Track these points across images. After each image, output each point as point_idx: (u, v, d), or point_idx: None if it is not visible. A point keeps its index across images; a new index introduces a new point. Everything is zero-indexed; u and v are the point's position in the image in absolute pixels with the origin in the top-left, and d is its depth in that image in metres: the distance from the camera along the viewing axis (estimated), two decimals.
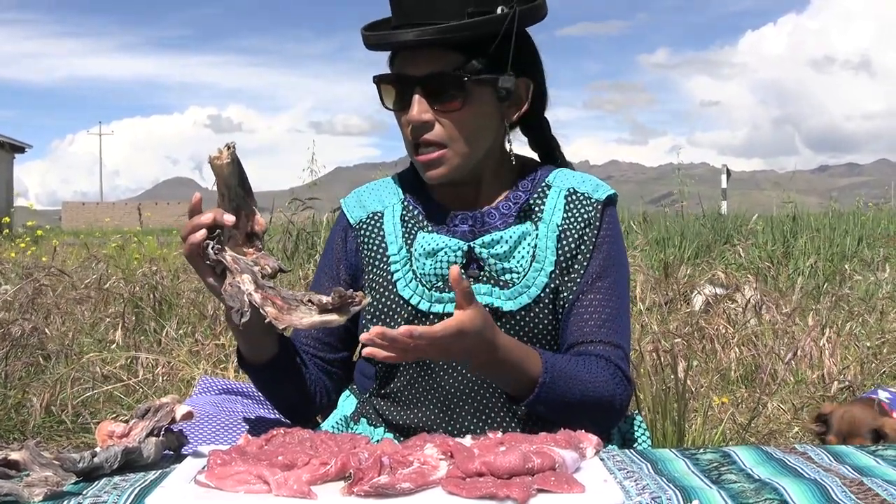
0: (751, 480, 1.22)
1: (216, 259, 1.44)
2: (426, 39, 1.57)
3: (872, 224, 11.24)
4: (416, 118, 1.61)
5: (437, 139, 1.62)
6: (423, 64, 1.60)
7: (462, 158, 1.64)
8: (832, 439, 2.39)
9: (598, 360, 1.62)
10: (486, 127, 1.67)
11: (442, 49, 1.59)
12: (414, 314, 1.65)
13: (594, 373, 1.59)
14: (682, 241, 9.86)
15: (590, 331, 1.64)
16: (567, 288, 1.66)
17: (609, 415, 1.64)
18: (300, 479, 1.16)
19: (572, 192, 1.72)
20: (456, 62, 1.60)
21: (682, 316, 5.48)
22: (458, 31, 1.57)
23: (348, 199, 1.84)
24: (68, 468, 1.23)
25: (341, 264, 1.79)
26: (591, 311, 1.65)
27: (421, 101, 1.61)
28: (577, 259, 1.68)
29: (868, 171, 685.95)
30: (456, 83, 1.60)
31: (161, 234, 13.36)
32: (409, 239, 1.70)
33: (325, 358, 1.79)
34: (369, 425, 1.71)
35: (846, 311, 5.55)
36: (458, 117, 1.62)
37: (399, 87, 1.64)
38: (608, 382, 1.60)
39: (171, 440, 1.36)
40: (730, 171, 18.67)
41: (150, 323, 5.30)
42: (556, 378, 1.53)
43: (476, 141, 1.65)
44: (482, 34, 1.59)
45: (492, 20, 1.59)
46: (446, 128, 1.62)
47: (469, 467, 1.18)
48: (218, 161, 1.42)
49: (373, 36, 1.66)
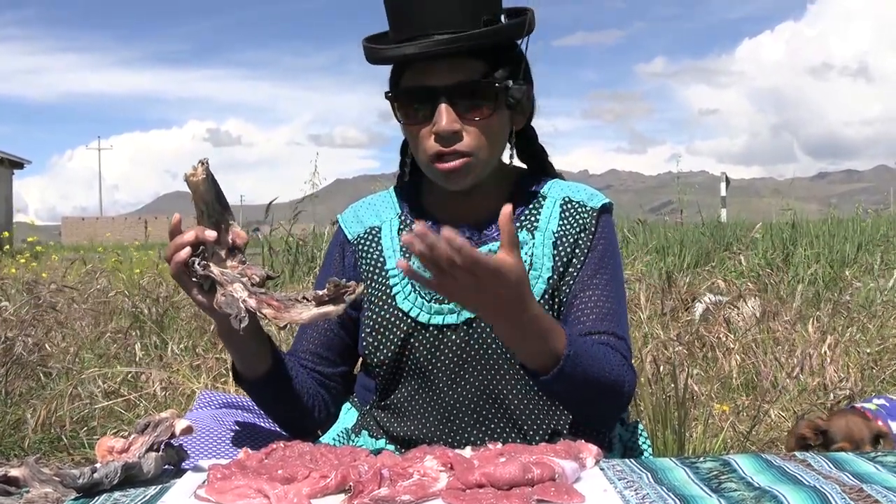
0: (751, 488, 1.22)
1: (203, 275, 1.44)
2: (455, 47, 1.56)
3: (872, 230, 11.24)
4: (447, 128, 1.58)
5: (465, 149, 1.61)
6: (445, 74, 1.59)
7: (484, 166, 1.65)
8: (845, 445, 2.39)
9: (606, 347, 1.61)
10: (504, 134, 1.68)
11: (465, 57, 1.59)
12: (414, 326, 1.65)
13: (608, 355, 1.57)
14: (681, 249, 9.86)
15: (592, 324, 1.63)
16: (562, 291, 1.66)
17: (619, 400, 1.60)
18: (300, 493, 1.16)
19: (567, 202, 1.72)
20: (480, 70, 1.60)
21: (682, 324, 5.48)
22: (484, 37, 1.57)
23: (345, 214, 1.84)
24: (68, 484, 1.23)
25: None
26: (590, 307, 1.65)
27: (449, 112, 1.59)
28: (573, 263, 1.68)
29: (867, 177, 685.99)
30: (486, 91, 1.60)
31: (162, 248, 13.36)
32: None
33: (324, 372, 1.79)
34: (370, 437, 1.71)
35: (846, 318, 5.55)
36: (485, 125, 1.61)
37: (421, 100, 1.62)
38: (620, 366, 1.58)
39: (171, 455, 1.36)
40: (729, 179, 18.68)
41: (152, 337, 5.30)
42: (579, 353, 1.47)
43: (498, 148, 1.67)
44: (502, 41, 1.60)
45: (514, 25, 1.60)
46: (473, 137, 1.61)
47: (469, 479, 1.18)
48: (193, 178, 1.41)
49: (387, 51, 1.63)
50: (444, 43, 1.56)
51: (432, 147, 1.62)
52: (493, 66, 1.61)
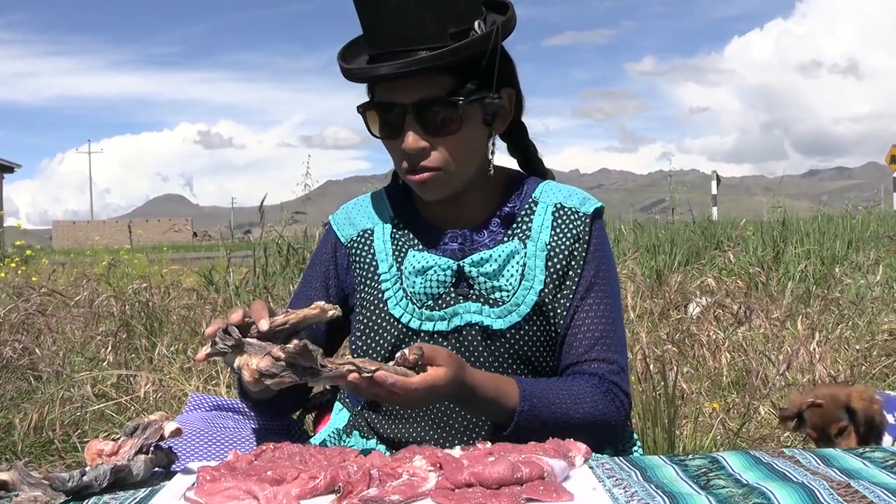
0: (739, 485, 1.23)
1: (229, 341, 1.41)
2: (422, 68, 1.53)
3: (862, 227, 11.27)
4: (413, 146, 1.58)
5: (434, 165, 1.60)
6: (412, 90, 1.57)
7: (456, 178, 1.63)
8: (811, 433, 2.40)
9: (591, 378, 1.62)
10: (478, 145, 1.66)
11: (432, 73, 1.55)
12: (404, 332, 1.65)
13: (581, 393, 1.59)
14: (672, 247, 9.88)
15: (583, 351, 1.65)
16: (560, 305, 1.66)
17: (604, 433, 1.63)
18: (289, 494, 1.16)
19: (560, 208, 1.71)
20: (447, 85, 1.56)
21: (672, 322, 5.49)
22: (452, 55, 1.53)
23: (337, 215, 1.83)
24: (57, 487, 1.22)
25: (331, 281, 1.79)
26: (583, 331, 1.65)
27: (415, 129, 1.57)
28: (569, 275, 1.68)
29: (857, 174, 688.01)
30: (451, 108, 1.57)
31: (151, 252, 13.33)
32: (400, 257, 1.70)
33: None
34: (361, 437, 1.72)
35: (836, 315, 5.57)
36: (453, 140, 1.60)
37: (388, 114, 1.61)
38: (598, 402, 1.60)
39: (160, 457, 1.36)
40: (720, 177, 18.73)
41: (142, 340, 5.29)
42: (535, 405, 1.53)
43: (470, 161, 1.65)
44: (469, 56, 1.56)
45: (479, 40, 1.56)
46: (442, 152, 1.60)
47: (458, 478, 1.18)
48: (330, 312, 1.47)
49: (356, 70, 1.61)
50: (410, 65, 1.53)
51: (401, 162, 1.63)
52: (462, 81, 1.57)
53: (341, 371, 1.34)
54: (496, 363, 1.63)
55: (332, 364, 1.34)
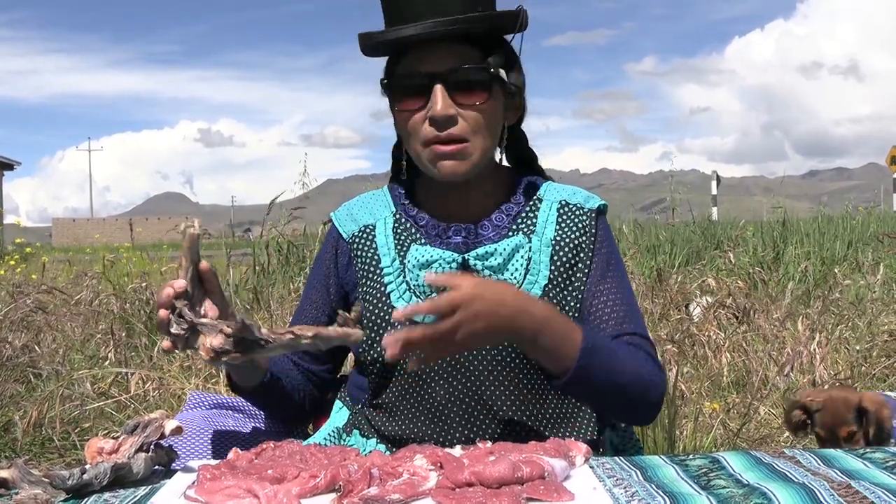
0: (739, 486, 1.23)
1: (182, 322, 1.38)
2: (451, 29, 1.57)
3: (862, 228, 11.28)
4: (443, 113, 1.58)
5: (461, 133, 1.60)
6: (440, 60, 1.60)
7: (480, 153, 1.64)
8: (819, 432, 2.39)
9: (630, 346, 1.62)
10: (498, 125, 1.68)
11: (458, 44, 1.60)
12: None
13: (633, 353, 1.59)
14: (672, 248, 9.88)
15: (614, 328, 1.64)
16: (573, 296, 1.66)
17: (647, 396, 1.59)
18: (290, 493, 1.16)
19: (564, 205, 1.72)
20: (475, 57, 1.61)
21: (673, 322, 5.49)
22: (478, 21, 1.58)
23: (339, 212, 1.84)
24: (58, 485, 1.22)
25: (331, 280, 1.79)
26: (608, 312, 1.65)
27: (445, 96, 1.59)
28: (578, 267, 1.68)
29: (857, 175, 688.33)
30: (482, 77, 1.60)
31: (152, 250, 13.33)
32: (403, 251, 1.70)
33: (312, 369, 1.83)
34: (362, 436, 1.71)
35: (836, 315, 5.57)
36: (481, 111, 1.61)
37: (416, 85, 1.62)
38: (645, 363, 1.59)
39: (160, 455, 1.36)
40: (720, 178, 18.74)
41: (141, 338, 5.29)
42: (597, 345, 1.49)
43: (492, 138, 1.66)
44: (496, 29, 1.62)
45: (509, 14, 1.61)
46: (469, 122, 1.61)
47: (458, 478, 1.18)
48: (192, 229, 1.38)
49: (389, 32, 1.62)
50: (441, 24, 1.57)
51: (427, 132, 1.62)
52: (487, 54, 1.62)
53: (283, 340, 1.34)
54: (499, 356, 1.62)
55: (273, 334, 1.34)
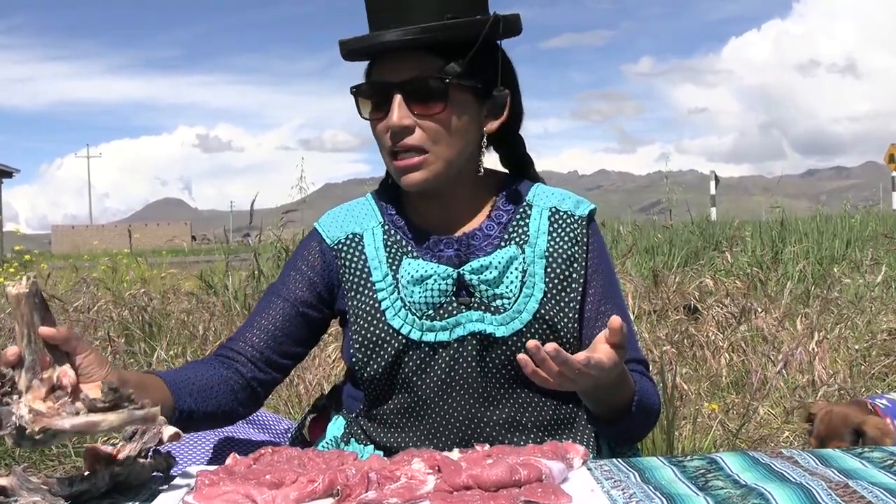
0: (737, 486, 1.23)
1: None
2: (407, 39, 1.56)
3: (861, 227, 11.28)
4: (397, 123, 1.59)
5: (417, 143, 1.60)
6: (402, 69, 1.60)
7: (442, 164, 1.62)
8: (812, 441, 2.39)
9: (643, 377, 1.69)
10: (466, 133, 1.65)
11: (422, 53, 1.59)
12: (405, 344, 1.62)
13: (649, 387, 1.68)
14: (671, 248, 9.88)
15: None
16: (566, 315, 1.65)
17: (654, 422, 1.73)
18: (288, 498, 1.16)
19: (555, 212, 1.71)
20: (436, 66, 1.59)
21: (671, 323, 5.49)
22: (438, 30, 1.56)
23: (323, 220, 1.80)
24: (57, 493, 1.22)
25: (318, 278, 1.73)
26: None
27: (401, 106, 1.59)
28: (573, 278, 1.67)
29: (856, 173, 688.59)
30: (437, 86, 1.59)
31: (151, 256, 13.33)
32: (394, 265, 1.67)
33: (270, 358, 1.70)
34: (358, 444, 1.70)
35: (835, 315, 5.57)
36: (438, 121, 1.60)
37: (378, 94, 1.63)
38: (654, 394, 1.69)
39: (159, 462, 1.36)
40: (718, 178, 18.74)
41: (140, 345, 5.29)
42: (642, 389, 1.60)
43: (456, 146, 1.63)
44: (462, 37, 1.58)
45: (472, 23, 1.59)
46: (427, 132, 1.60)
47: (456, 481, 1.19)
48: (13, 289, 1.23)
49: (350, 41, 1.64)
50: (403, 34, 1.56)
51: (387, 142, 1.63)
52: (450, 63, 1.60)
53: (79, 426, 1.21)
54: (496, 370, 1.62)
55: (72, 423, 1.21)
